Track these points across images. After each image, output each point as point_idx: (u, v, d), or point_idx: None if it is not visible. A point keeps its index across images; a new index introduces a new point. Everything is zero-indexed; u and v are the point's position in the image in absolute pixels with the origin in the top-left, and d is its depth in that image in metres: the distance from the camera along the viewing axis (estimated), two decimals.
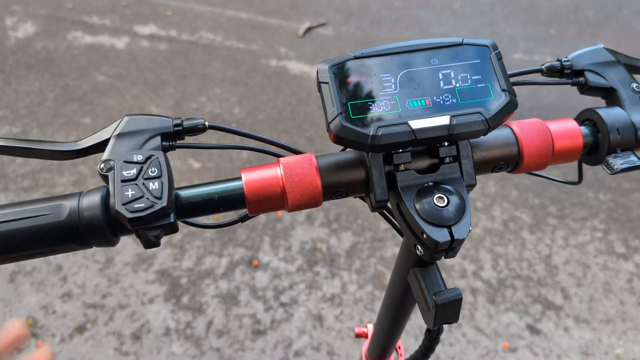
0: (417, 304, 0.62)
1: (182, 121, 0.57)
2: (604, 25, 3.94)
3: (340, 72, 0.51)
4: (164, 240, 2.32)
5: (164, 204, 0.49)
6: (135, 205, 0.48)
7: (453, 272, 2.23)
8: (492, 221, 2.44)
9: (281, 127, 2.90)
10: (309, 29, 3.72)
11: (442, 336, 2.01)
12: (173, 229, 0.51)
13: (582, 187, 2.63)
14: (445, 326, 2.05)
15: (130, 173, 0.50)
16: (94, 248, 0.53)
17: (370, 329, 1.01)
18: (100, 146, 0.56)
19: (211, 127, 0.59)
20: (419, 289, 0.58)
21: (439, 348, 1.98)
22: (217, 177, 2.58)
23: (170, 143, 0.58)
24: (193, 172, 2.61)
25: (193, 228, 2.05)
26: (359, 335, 1.02)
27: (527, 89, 3.19)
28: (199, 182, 0.57)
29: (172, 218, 0.50)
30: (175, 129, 0.57)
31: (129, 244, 2.27)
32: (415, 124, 0.50)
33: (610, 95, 0.67)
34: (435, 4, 4.13)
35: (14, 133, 2.81)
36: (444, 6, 4.11)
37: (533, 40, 3.74)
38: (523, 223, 2.44)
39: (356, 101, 0.51)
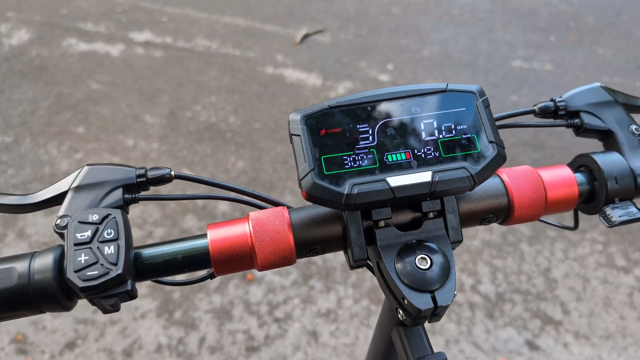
0: None
1: (146, 171, 0.54)
2: (604, 32, 3.90)
3: (313, 123, 0.47)
4: None
5: (120, 271, 0.45)
6: (88, 273, 0.45)
7: None
8: (490, 233, 2.40)
9: (277, 137, 2.86)
10: (306, 36, 3.69)
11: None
12: (131, 295, 0.47)
13: None
14: (442, 341, 2.01)
15: (84, 235, 0.47)
16: None
17: None
18: (58, 199, 0.52)
19: (177, 177, 0.56)
20: (403, 351, 0.54)
21: None
22: (210, 189, 2.54)
23: (133, 195, 0.54)
24: (187, 183, 2.57)
25: None
26: None
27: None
28: (162, 240, 0.53)
29: (128, 285, 0.46)
30: (138, 180, 0.54)
31: None
32: (394, 181, 0.46)
33: (607, 138, 0.63)
34: (434, 10, 4.10)
35: (6, 143, 2.77)
36: (442, 13, 4.07)
37: (532, 47, 3.70)
38: (522, 235, 2.40)
39: (330, 155, 0.47)
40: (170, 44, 3.54)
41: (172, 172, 0.55)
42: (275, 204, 0.57)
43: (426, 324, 0.54)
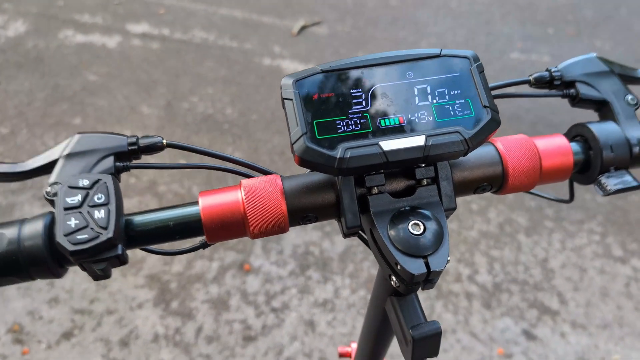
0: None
1: (137, 139, 0.53)
2: (603, 25, 3.90)
3: (306, 87, 0.47)
4: None
5: (110, 235, 0.44)
6: (78, 237, 0.44)
7: (447, 276, 2.19)
8: (487, 224, 2.40)
9: (274, 128, 2.85)
10: (303, 28, 3.68)
11: None
12: (121, 260, 0.46)
13: (579, 189, 2.59)
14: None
15: (74, 200, 0.46)
16: None
17: (354, 348, 0.96)
18: (48, 167, 0.52)
19: (170, 146, 0.55)
20: (397, 321, 0.54)
21: None
22: (208, 180, 2.54)
23: (125, 164, 0.53)
24: (184, 173, 2.57)
25: None
26: (342, 356, 0.97)
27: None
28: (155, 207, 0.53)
29: (119, 250, 0.46)
30: (130, 147, 0.53)
31: None
32: (387, 144, 0.46)
33: (603, 108, 0.63)
34: (431, 3, 4.08)
35: (2, 134, 2.76)
36: (440, 5, 4.06)
37: (531, 40, 3.70)
38: (519, 226, 2.40)
39: (323, 119, 0.46)
40: (167, 36, 3.52)
41: (164, 141, 0.55)
42: (268, 173, 0.56)
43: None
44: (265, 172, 0.56)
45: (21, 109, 2.92)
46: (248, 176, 0.56)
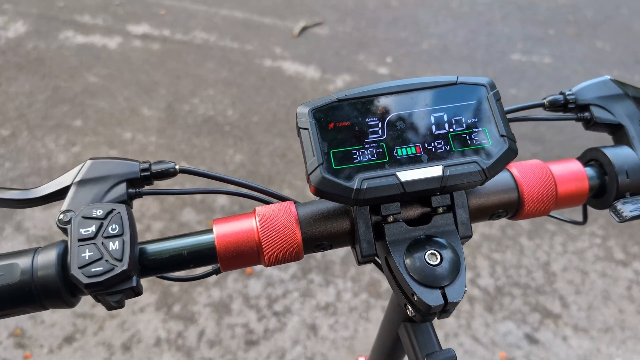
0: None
1: (150, 165, 0.53)
2: (603, 26, 3.89)
3: (322, 116, 0.46)
4: None
5: (125, 267, 0.44)
6: (93, 269, 0.44)
7: None
8: (489, 227, 2.40)
9: (275, 130, 2.85)
10: (304, 29, 3.67)
11: None
12: (136, 292, 0.46)
13: None
14: (441, 335, 2.01)
15: (88, 231, 0.46)
16: None
17: None
18: (60, 194, 0.51)
19: (182, 171, 0.55)
20: (411, 347, 0.54)
21: None
22: (209, 182, 2.53)
23: (137, 190, 0.53)
24: (185, 176, 2.56)
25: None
26: None
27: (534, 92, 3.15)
28: (168, 235, 0.52)
29: (134, 281, 0.45)
30: (142, 174, 0.53)
31: None
32: (404, 175, 0.45)
33: (617, 132, 0.62)
34: (432, 3, 4.08)
35: (3, 136, 2.75)
36: (441, 6, 4.06)
37: (531, 41, 3.69)
38: (521, 229, 2.40)
39: (339, 149, 0.46)
40: (168, 37, 3.52)
41: (177, 166, 0.54)
42: (281, 198, 0.56)
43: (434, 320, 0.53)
44: (279, 197, 0.56)
45: (22, 110, 2.92)
46: (262, 201, 0.56)
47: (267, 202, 0.57)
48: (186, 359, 1.94)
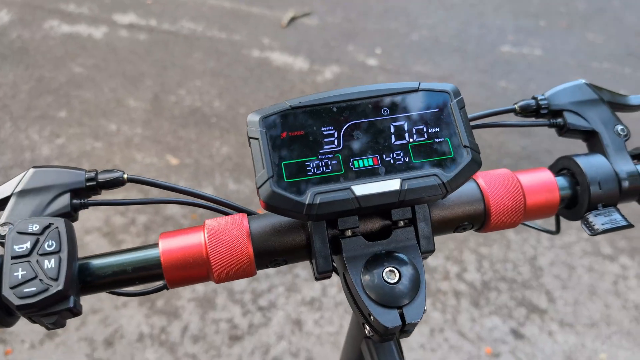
0: None
1: (96, 174, 0.50)
2: (595, 18, 3.87)
3: (273, 125, 0.44)
4: (141, 239, 2.25)
5: (60, 287, 0.41)
6: (25, 290, 0.41)
7: (436, 274, 2.18)
8: None
9: None
10: (293, 19, 3.63)
11: (424, 341, 1.97)
12: (74, 313, 0.43)
13: None
14: (426, 330, 2.00)
15: (22, 247, 0.42)
16: None
17: None
18: (0, 204, 0.49)
19: (131, 180, 0.52)
20: None
21: (420, 354, 1.94)
22: (195, 175, 2.51)
23: (83, 200, 0.50)
24: (171, 169, 2.54)
25: (170, 226, 1.94)
26: None
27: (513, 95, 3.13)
28: (113, 249, 0.49)
29: (71, 302, 0.42)
30: (88, 184, 0.50)
31: (102, 245, 2.20)
32: (360, 189, 0.43)
33: (592, 139, 0.60)
34: None
35: None
36: None
37: (523, 33, 3.67)
38: None
39: (291, 161, 0.43)
40: (155, 27, 3.47)
41: (125, 175, 0.52)
42: (237, 209, 0.53)
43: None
44: (233, 207, 0.53)
45: (5, 101, 2.87)
46: (219, 211, 0.53)
47: (225, 213, 0.54)
48: (169, 354, 1.92)
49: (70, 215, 0.49)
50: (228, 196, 2.39)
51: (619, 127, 0.59)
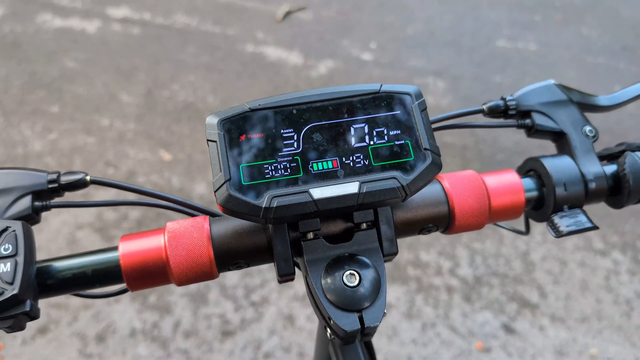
0: None
1: (58, 176, 0.50)
2: (590, 12, 3.86)
3: (232, 127, 0.43)
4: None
5: (15, 291, 0.41)
6: None
7: (428, 269, 2.18)
8: None
9: None
10: (288, 13, 3.62)
11: (415, 336, 1.97)
12: (31, 316, 0.43)
13: None
14: (418, 325, 2.01)
15: None
16: None
17: None
18: None
19: (94, 182, 0.52)
20: None
21: (411, 348, 1.94)
22: (188, 171, 2.50)
23: (45, 202, 0.50)
24: (164, 164, 2.53)
25: (163, 220, 1.92)
26: None
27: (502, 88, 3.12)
28: (75, 252, 0.49)
29: (27, 306, 0.42)
30: (50, 185, 0.50)
31: (94, 241, 2.20)
32: (318, 192, 0.42)
33: (560, 140, 0.60)
34: None
35: None
36: None
37: (518, 27, 3.66)
38: None
39: (249, 164, 0.43)
40: (148, 21, 3.45)
41: (88, 177, 0.51)
42: (200, 210, 0.53)
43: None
44: (197, 209, 0.53)
45: None
46: (184, 213, 0.53)
47: (190, 215, 0.54)
48: (161, 349, 1.92)
49: (31, 217, 0.49)
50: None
51: (587, 128, 0.59)
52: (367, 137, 0.45)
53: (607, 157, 0.59)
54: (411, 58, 3.32)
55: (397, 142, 0.45)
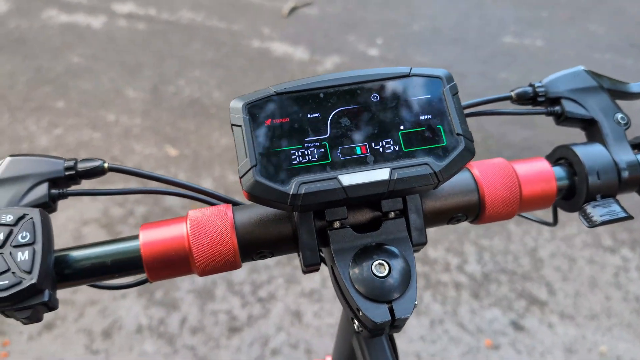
0: None
1: (75, 163, 0.48)
2: (596, 8, 3.84)
3: (257, 112, 0.42)
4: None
5: (34, 281, 0.40)
6: None
7: (436, 265, 2.17)
8: None
9: None
10: (294, 9, 3.60)
11: (424, 333, 1.96)
12: (49, 307, 0.42)
13: None
14: (427, 322, 2.00)
15: None
16: None
17: None
18: None
19: (112, 170, 0.50)
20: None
21: (419, 345, 1.93)
22: (194, 166, 2.49)
23: (61, 190, 0.49)
24: (170, 160, 2.52)
25: (170, 216, 1.90)
26: None
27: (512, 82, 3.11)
28: (92, 241, 0.48)
29: (45, 296, 0.41)
30: (67, 173, 0.48)
31: (100, 236, 2.19)
32: (347, 179, 0.41)
33: (590, 128, 0.58)
34: None
35: None
36: None
37: (523, 23, 3.64)
38: None
39: (276, 149, 0.41)
40: (154, 16, 3.44)
41: (106, 164, 0.50)
42: (222, 199, 0.52)
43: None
44: (218, 198, 0.51)
45: (2, 92, 2.85)
46: (204, 201, 0.52)
47: (210, 204, 0.52)
48: (168, 346, 1.92)
49: (48, 205, 0.48)
50: (228, 188, 2.38)
51: (619, 116, 0.57)
52: (397, 122, 0.43)
53: (638, 145, 0.57)
54: (417, 54, 3.31)
55: (428, 127, 0.43)
